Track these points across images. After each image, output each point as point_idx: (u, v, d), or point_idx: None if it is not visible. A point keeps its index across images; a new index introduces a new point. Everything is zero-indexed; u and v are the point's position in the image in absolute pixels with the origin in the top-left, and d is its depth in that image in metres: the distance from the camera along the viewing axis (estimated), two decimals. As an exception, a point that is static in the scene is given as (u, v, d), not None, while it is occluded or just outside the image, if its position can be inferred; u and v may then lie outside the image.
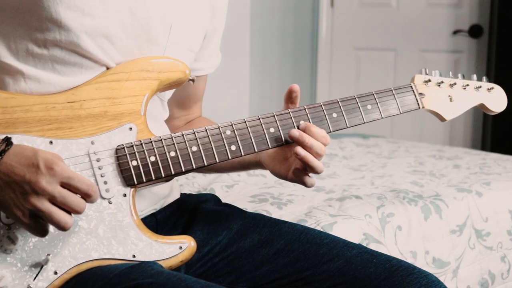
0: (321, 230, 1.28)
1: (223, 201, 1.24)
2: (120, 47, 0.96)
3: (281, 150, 1.06)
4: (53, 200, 0.83)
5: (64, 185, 0.84)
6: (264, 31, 3.82)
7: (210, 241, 1.07)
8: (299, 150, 0.98)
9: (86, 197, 0.86)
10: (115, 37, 0.95)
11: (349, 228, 1.47)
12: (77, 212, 0.85)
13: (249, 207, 1.52)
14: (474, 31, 3.53)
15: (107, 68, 0.96)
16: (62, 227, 0.84)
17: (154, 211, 1.09)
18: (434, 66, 3.66)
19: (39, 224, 0.84)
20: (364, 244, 1.45)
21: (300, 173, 1.02)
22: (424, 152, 2.50)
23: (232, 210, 1.16)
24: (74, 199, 0.84)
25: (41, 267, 0.88)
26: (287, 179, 1.05)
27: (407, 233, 1.56)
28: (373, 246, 1.46)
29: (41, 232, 0.85)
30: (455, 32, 3.58)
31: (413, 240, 1.57)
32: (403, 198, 1.67)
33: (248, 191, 1.72)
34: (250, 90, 3.78)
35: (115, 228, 0.92)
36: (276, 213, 1.51)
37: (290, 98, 1.05)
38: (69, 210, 0.85)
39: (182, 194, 1.20)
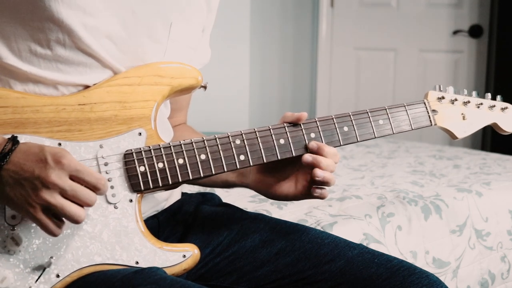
0: (321, 230, 1.28)
1: (224, 201, 1.24)
2: (122, 46, 0.96)
3: (281, 171, 1.04)
4: (64, 194, 0.82)
5: (73, 177, 0.83)
6: (264, 31, 3.82)
7: (212, 241, 1.07)
8: (318, 172, 0.97)
9: (95, 190, 0.85)
10: (116, 36, 0.95)
11: (349, 228, 1.47)
12: (88, 204, 0.84)
13: (249, 207, 1.52)
14: (474, 31, 3.53)
15: (112, 68, 0.96)
16: (75, 220, 0.83)
17: (156, 212, 1.09)
18: (434, 66, 3.67)
19: (51, 221, 0.84)
20: (364, 244, 1.45)
21: (315, 188, 1.00)
22: (424, 152, 2.50)
23: (233, 210, 1.16)
24: (85, 192, 0.84)
25: (44, 270, 0.88)
26: (297, 198, 1.03)
27: (407, 233, 1.57)
28: (373, 246, 1.46)
29: (54, 230, 0.84)
30: (455, 32, 3.59)
31: (413, 240, 1.57)
32: (403, 198, 1.67)
33: (248, 191, 1.71)
34: (250, 90, 3.78)
35: (119, 234, 0.92)
36: (276, 213, 1.51)
37: (293, 120, 1.02)
38: (80, 203, 0.84)
39: (183, 194, 1.20)
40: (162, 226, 1.09)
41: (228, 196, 1.68)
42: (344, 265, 1.02)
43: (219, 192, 1.72)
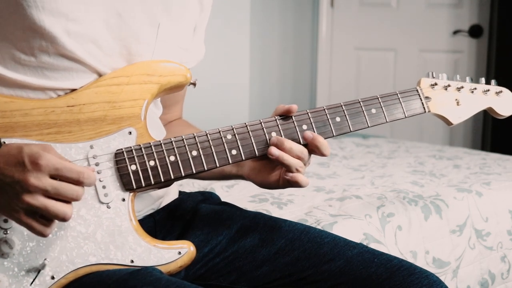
0: (321, 229, 1.28)
1: (223, 200, 1.24)
2: (107, 49, 0.95)
3: (269, 161, 1.03)
4: (47, 194, 0.81)
5: (55, 176, 0.82)
6: (264, 31, 3.82)
7: (211, 241, 1.07)
8: (273, 150, 0.97)
9: (79, 184, 0.84)
10: (101, 40, 0.94)
11: (349, 228, 1.47)
12: (74, 199, 0.83)
13: (249, 207, 1.52)
14: (474, 31, 3.53)
15: (98, 72, 0.95)
16: (62, 218, 0.82)
17: (152, 211, 1.08)
18: (434, 66, 3.66)
19: (38, 223, 0.83)
20: (365, 244, 1.45)
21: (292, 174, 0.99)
22: (424, 152, 2.50)
23: (232, 209, 1.15)
24: (68, 188, 0.82)
25: (38, 272, 0.87)
26: (279, 187, 1.03)
27: (407, 233, 1.56)
28: (373, 246, 1.46)
29: (42, 230, 0.83)
30: (455, 32, 3.59)
31: (413, 240, 1.57)
32: (403, 198, 1.67)
33: (248, 191, 1.72)
34: (250, 91, 3.78)
35: (113, 233, 0.91)
36: (276, 213, 1.51)
37: (283, 112, 1.02)
38: (65, 199, 0.83)
39: (181, 193, 1.20)
40: (159, 225, 1.08)
41: (228, 195, 1.68)
42: (343, 265, 1.01)
43: (219, 191, 1.72)
